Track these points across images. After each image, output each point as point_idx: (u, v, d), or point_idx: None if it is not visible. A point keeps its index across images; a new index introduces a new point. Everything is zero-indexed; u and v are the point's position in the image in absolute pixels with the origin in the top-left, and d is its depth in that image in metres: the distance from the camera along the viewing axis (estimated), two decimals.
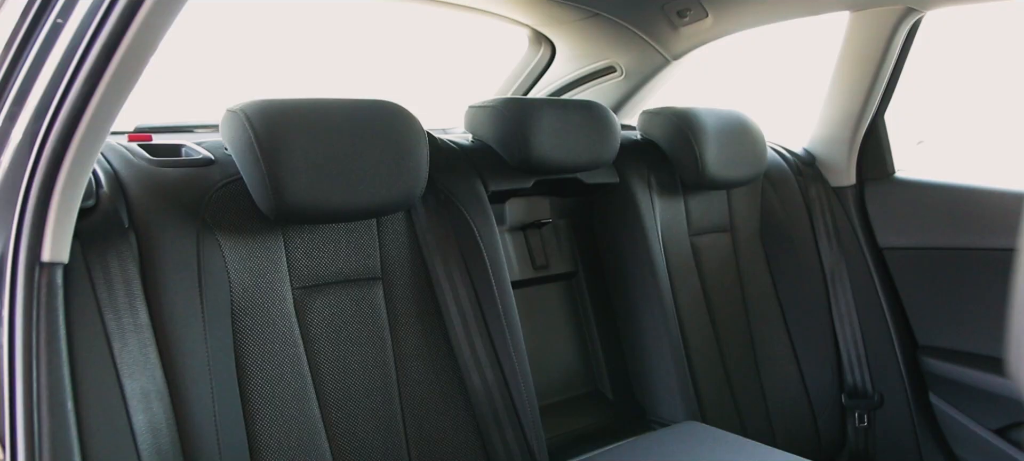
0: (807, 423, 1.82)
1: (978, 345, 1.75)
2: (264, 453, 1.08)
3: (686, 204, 1.73)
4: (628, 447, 1.37)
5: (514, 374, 1.30)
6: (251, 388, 1.09)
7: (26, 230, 0.89)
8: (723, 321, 1.74)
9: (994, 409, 1.70)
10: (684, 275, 1.68)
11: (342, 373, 1.18)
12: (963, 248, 1.76)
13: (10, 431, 0.88)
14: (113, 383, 0.96)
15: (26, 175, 0.89)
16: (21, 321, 0.89)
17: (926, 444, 1.82)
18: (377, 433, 1.19)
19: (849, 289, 1.88)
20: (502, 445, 1.27)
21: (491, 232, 1.36)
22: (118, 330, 0.98)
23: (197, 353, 1.04)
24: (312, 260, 1.19)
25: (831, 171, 1.98)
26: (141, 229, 1.05)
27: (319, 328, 1.18)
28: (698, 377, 1.64)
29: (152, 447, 0.97)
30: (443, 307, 1.28)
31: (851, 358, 1.86)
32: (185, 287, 1.05)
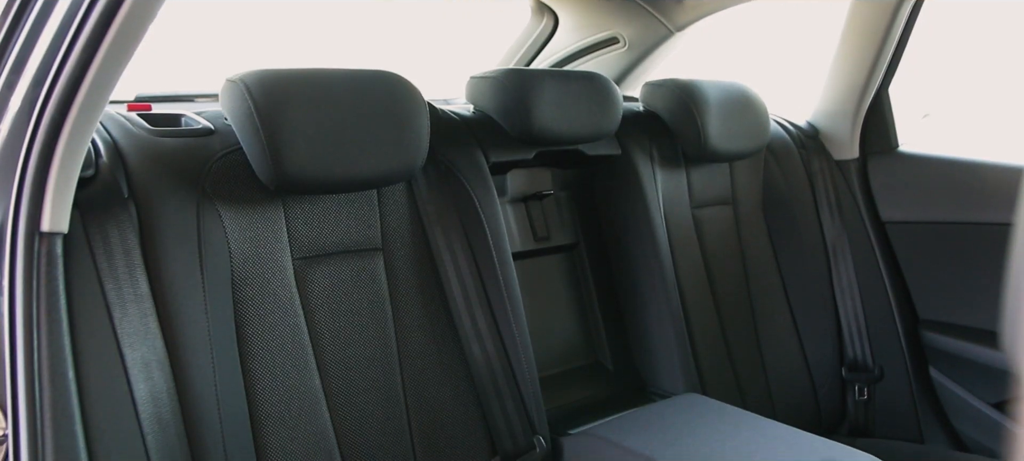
0: (807, 396, 1.83)
1: (979, 319, 1.75)
2: (265, 422, 1.09)
3: (688, 176, 1.73)
4: (628, 418, 1.38)
5: (514, 345, 1.31)
6: (251, 358, 1.09)
7: (25, 199, 0.89)
8: (724, 294, 1.74)
9: (994, 383, 1.71)
10: (685, 247, 1.68)
11: (342, 343, 1.18)
12: (966, 222, 1.76)
13: (11, 400, 0.88)
14: (114, 352, 0.96)
15: (25, 144, 0.89)
16: (21, 291, 0.89)
17: (926, 417, 1.83)
18: (377, 403, 1.20)
19: (851, 263, 1.88)
20: (502, 416, 1.28)
21: (492, 203, 1.36)
22: (118, 300, 0.98)
23: (197, 323, 1.04)
24: (312, 231, 1.19)
25: (834, 144, 1.97)
26: (141, 199, 1.05)
27: (319, 299, 1.18)
28: (699, 349, 1.64)
29: (153, 416, 0.97)
30: (444, 278, 1.28)
31: (852, 331, 1.87)
32: (185, 257, 1.05)
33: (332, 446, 1.14)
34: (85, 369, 0.93)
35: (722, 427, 1.29)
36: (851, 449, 1.20)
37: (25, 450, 0.87)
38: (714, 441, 1.24)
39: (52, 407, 0.89)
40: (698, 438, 1.25)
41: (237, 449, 1.05)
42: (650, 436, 1.27)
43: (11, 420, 0.88)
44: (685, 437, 1.26)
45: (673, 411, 1.39)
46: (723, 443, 1.23)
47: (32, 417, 0.88)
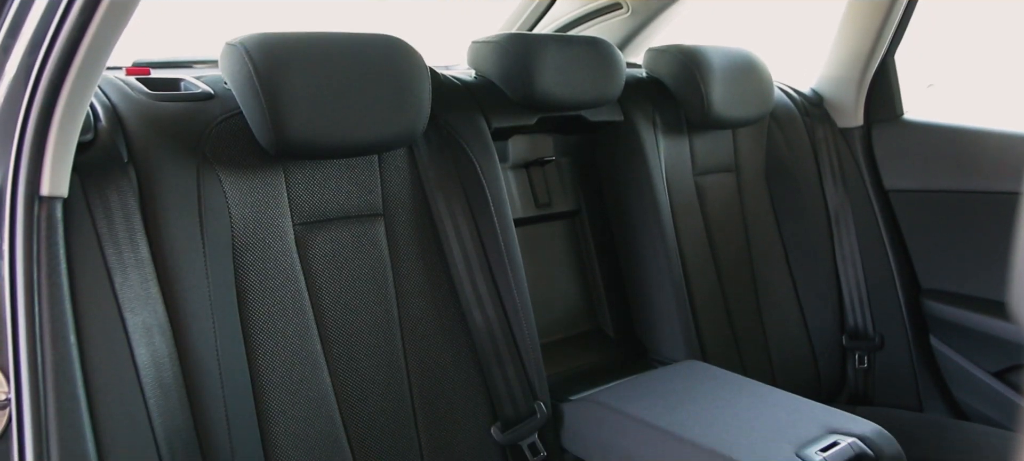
0: (807, 364, 1.83)
1: (980, 288, 1.75)
2: (266, 387, 1.09)
3: (691, 143, 1.72)
4: (628, 384, 1.38)
5: (515, 311, 1.31)
6: (252, 323, 1.10)
7: (24, 164, 0.88)
8: (726, 261, 1.74)
9: (994, 352, 1.71)
10: (687, 215, 1.67)
11: (343, 309, 1.18)
12: (969, 191, 1.75)
13: (14, 364, 0.88)
14: (115, 317, 0.96)
15: (23, 108, 0.88)
16: (22, 255, 0.89)
17: (925, 386, 1.84)
18: (379, 369, 1.20)
19: (853, 231, 1.87)
20: (503, 381, 1.28)
21: (494, 169, 1.35)
22: (119, 264, 0.98)
23: (198, 288, 1.04)
24: (313, 196, 1.18)
25: (838, 112, 1.96)
26: (140, 163, 1.04)
27: (320, 264, 1.18)
28: (700, 316, 1.64)
29: (155, 381, 0.98)
30: (445, 244, 1.28)
31: (853, 300, 1.87)
32: (186, 222, 1.05)
33: (333, 411, 1.15)
34: (86, 333, 0.94)
35: (722, 393, 1.30)
36: (851, 415, 1.20)
37: (28, 414, 0.87)
38: (714, 407, 1.24)
39: (54, 371, 0.89)
40: (698, 404, 1.26)
41: (239, 413, 1.05)
42: (650, 402, 1.27)
43: (13, 384, 0.89)
44: (685, 403, 1.26)
45: (673, 377, 1.40)
46: (723, 409, 1.23)
47: (34, 381, 0.88)
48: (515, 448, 1.29)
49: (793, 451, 1.10)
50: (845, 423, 1.18)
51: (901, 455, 1.15)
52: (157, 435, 0.97)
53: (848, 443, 1.12)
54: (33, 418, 0.87)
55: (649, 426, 1.20)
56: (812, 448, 1.10)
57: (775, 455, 1.08)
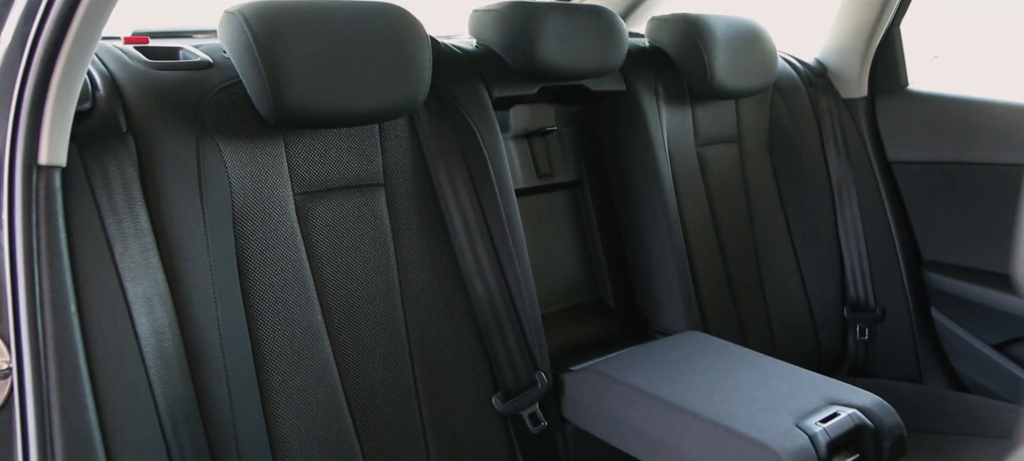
0: (808, 335, 1.84)
1: (982, 261, 1.75)
2: (267, 357, 1.09)
3: (693, 113, 1.71)
4: (629, 355, 1.39)
5: (516, 282, 1.31)
6: (253, 293, 1.09)
7: (22, 133, 0.88)
8: (728, 232, 1.74)
9: (995, 325, 1.71)
10: (690, 186, 1.67)
11: (344, 279, 1.18)
12: (973, 163, 1.74)
13: (15, 333, 0.88)
14: (115, 287, 0.96)
15: (19, 77, 0.87)
16: (21, 224, 0.89)
17: (925, 358, 1.84)
18: (379, 339, 1.20)
19: (856, 202, 1.87)
20: (504, 351, 1.28)
21: (495, 139, 1.34)
22: (119, 234, 0.97)
23: (199, 258, 1.04)
24: (313, 165, 1.18)
25: (843, 82, 1.95)
26: (139, 133, 1.03)
27: (321, 234, 1.17)
28: (701, 287, 1.64)
29: (156, 350, 0.98)
30: (446, 214, 1.28)
31: (855, 271, 1.87)
32: (185, 191, 1.04)
33: (334, 381, 1.15)
34: (87, 303, 0.93)
35: (723, 364, 1.30)
36: (851, 387, 1.20)
37: (29, 383, 0.88)
38: (715, 378, 1.24)
39: (55, 341, 0.89)
40: (699, 374, 1.26)
41: (240, 383, 1.06)
42: (651, 372, 1.28)
43: (15, 354, 0.89)
44: (686, 373, 1.26)
45: (674, 348, 1.40)
46: (724, 380, 1.23)
47: (35, 350, 0.88)
48: (516, 418, 1.30)
49: (793, 422, 1.10)
50: (845, 394, 1.18)
51: (901, 426, 1.15)
52: (158, 404, 0.97)
53: (848, 414, 1.12)
54: (35, 387, 0.88)
55: (649, 396, 1.20)
56: (812, 419, 1.10)
57: (775, 426, 1.08)
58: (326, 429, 1.13)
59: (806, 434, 1.07)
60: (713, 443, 1.10)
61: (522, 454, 1.31)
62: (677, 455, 1.15)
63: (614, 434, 1.26)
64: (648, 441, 1.20)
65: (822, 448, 1.06)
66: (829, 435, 1.08)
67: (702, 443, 1.11)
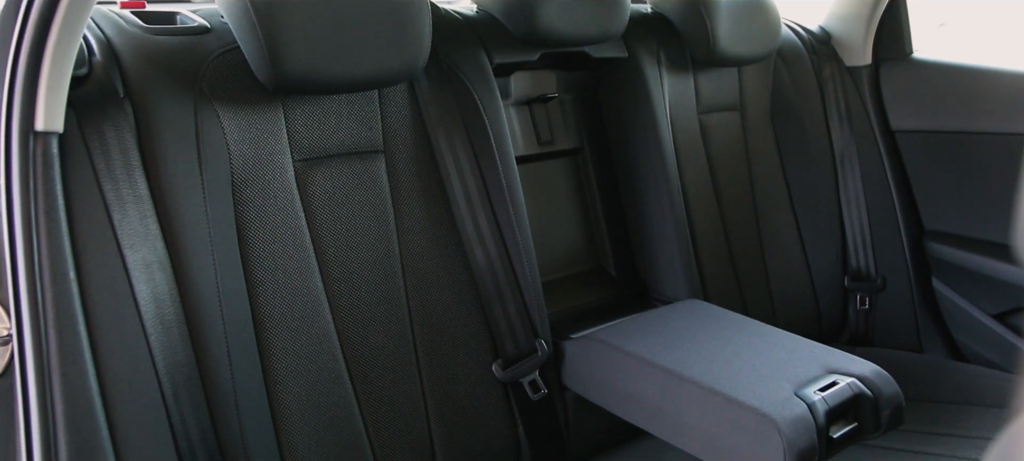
0: (809, 304, 1.84)
1: (984, 231, 1.74)
2: (267, 325, 1.09)
3: (696, 81, 1.70)
4: (630, 323, 1.39)
5: (517, 249, 1.30)
6: (253, 260, 1.09)
7: (18, 98, 0.87)
8: (729, 201, 1.73)
9: (995, 294, 1.71)
10: (691, 153, 1.66)
11: (344, 246, 1.18)
12: (977, 132, 1.73)
13: (14, 300, 0.89)
14: (114, 254, 0.96)
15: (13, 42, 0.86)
16: (19, 191, 0.88)
17: (925, 328, 1.84)
18: (380, 306, 1.20)
19: (858, 171, 1.86)
20: (504, 319, 1.28)
21: (495, 106, 1.33)
22: (117, 201, 0.97)
23: (198, 225, 1.04)
24: (312, 132, 1.17)
25: (846, 50, 1.93)
26: (137, 98, 1.03)
27: (321, 201, 1.17)
28: (702, 256, 1.64)
29: (156, 317, 0.98)
30: (446, 181, 1.27)
31: (856, 241, 1.86)
32: (184, 158, 1.04)
33: (335, 348, 1.15)
34: (86, 270, 0.93)
35: (723, 332, 1.30)
36: (850, 356, 1.20)
37: (30, 349, 0.88)
38: (714, 346, 1.25)
39: (54, 307, 0.89)
40: (699, 342, 1.26)
41: (240, 350, 1.06)
42: (651, 340, 1.28)
43: (14, 320, 0.89)
44: (686, 341, 1.27)
45: (675, 316, 1.40)
46: (724, 347, 1.24)
47: (35, 316, 0.88)
48: (516, 385, 1.30)
49: (792, 390, 1.10)
50: (844, 363, 1.18)
51: (899, 395, 1.15)
52: (159, 371, 0.97)
53: (847, 383, 1.13)
54: (35, 354, 0.88)
55: (649, 364, 1.20)
56: (811, 387, 1.11)
57: (774, 394, 1.09)
58: (326, 395, 1.13)
59: (805, 402, 1.07)
60: (712, 411, 1.10)
61: (522, 421, 1.31)
62: (676, 422, 1.16)
63: (614, 402, 1.27)
64: (648, 409, 1.20)
65: (820, 416, 1.07)
66: (828, 404, 1.08)
67: (701, 411, 1.12)
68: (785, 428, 1.02)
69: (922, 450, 1.38)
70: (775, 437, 1.02)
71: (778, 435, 1.02)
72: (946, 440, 1.40)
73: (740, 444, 1.07)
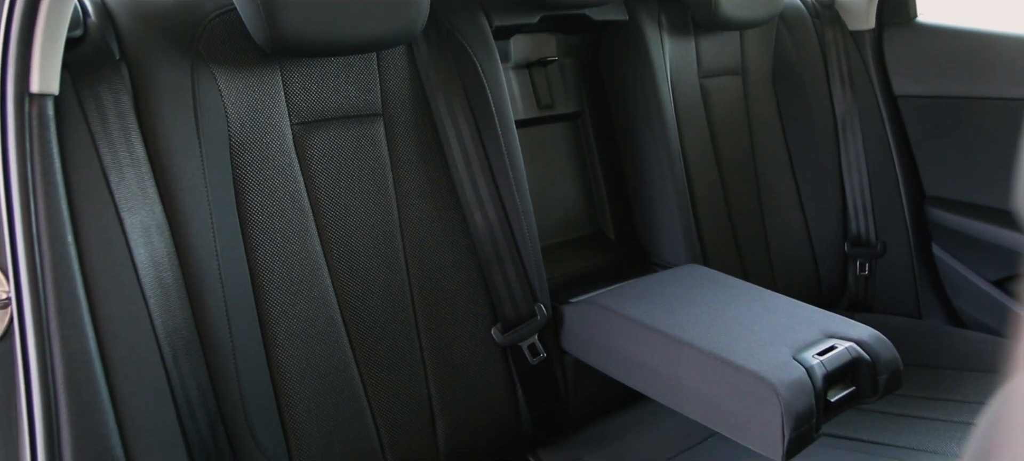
0: (808, 270, 1.84)
1: (985, 197, 1.74)
2: (266, 288, 1.10)
3: (697, 45, 1.68)
4: (629, 287, 1.39)
5: (516, 213, 1.30)
6: (251, 223, 1.09)
7: (12, 60, 0.86)
8: (729, 165, 1.73)
9: (995, 261, 1.71)
10: (692, 118, 1.65)
11: (343, 210, 1.18)
12: (981, 97, 1.72)
13: (12, 263, 0.88)
14: (112, 217, 0.95)
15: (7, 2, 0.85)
16: (15, 153, 0.88)
17: (925, 293, 1.84)
18: (379, 270, 1.20)
19: (859, 136, 1.85)
20: (503, 283, 1.28)
21: (495, 69, 1.32)
22: (114, 163, 0.97)
23: (196, 188, 1.03)
24: (310, 95, 1.16)
25: (850, 14, 1.91)
26: (133, 61, 1.02)
27: (319, 165, 1.16)
28: (702, 220, 1.64)
29: (154, 280, 0.98)
30: (445, 144, 1.26)
31: (857, 206, 1.86)
32: (181, 121, 1.03)
33: (334, 311, 1.15)
34: (84, 233, 0.93)
35: (722, 297, 1.30)
36: (849, 320, 1.21)
37: (29, 313, 0.88)
38: (714, 310, 1.25)
39: (53, 270, 0.89)
40: (698, 307, 1.26)
41: (239, 313, 1.06)
42: (650, 305, 1.28)
43: (13, 283, 0.89)
44: (685, 306, 1.27)
45: (674, 281, 1.40)
46: (723, 312, 1.24)
47: (34, 280, 0.88)
48: (515, 349, 1.31)
49: (790, 354, 1.10)
50: (843, 328, 1.18)
51: (897, 360, 1.15)
52: (158, 334, 0.97)
53: (845, 347, 1.13)
54: (34, 317, 0.88)
55: (648, 328, 1.21)
56: (809, 352, 1.11)
57: (772, 358, 1.09)
58: (326, 359, 1.14)
59: (803, 366, 1.08)
60: (711, 375, 1.11)
61: (521, 385, 1.32)
62: (675, 386, 1.16)
63: (613, 366, 1.27)
64: (646, 372, 1.20)
65: (819, 380, 1.07)
66: (826, 368, 1.09)
67: (700, 375, 1.12)
68: (783, 391, 1.02)
69: (919, 414, 1.38)
70: (773, 400, 1.02)
71: (776, 398, 1.02)
72: (944, 405, 1.41)
73: (738, 407, 1.07)
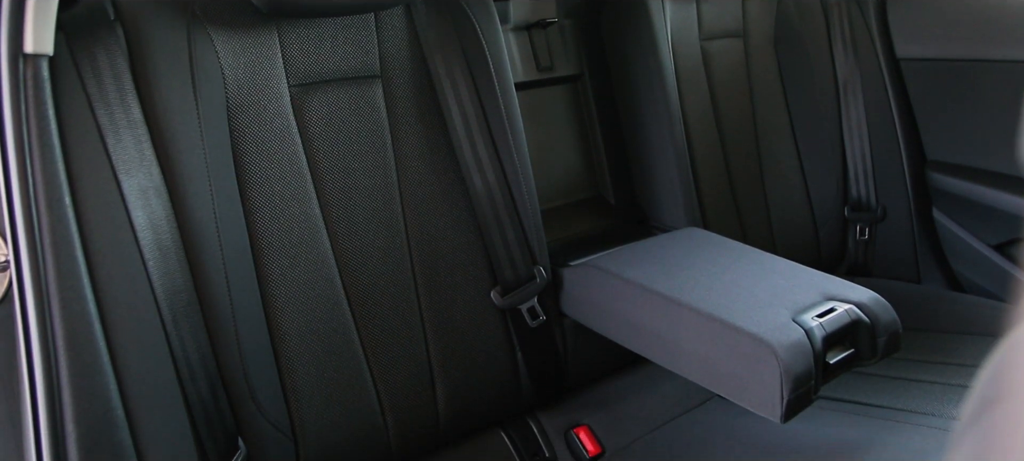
0: (808, 234, 1.84)
1: (987, 160, 1.73)
2: (265, 251, 1.09)
3: (698, 7, 1.67)
4: (628, 250, 1.39)
5: (515, 175, 1.30)
6: (250, 186, 1.09)
7: (4, 19, 0.85)
8: (730, 129, 1.72)
9: (995, 225, 1.71)
10: (692, 81, 1.64)
11: (342, 173, 1.17)
12: (985, 60, 1.70)
13: (10, 226, 0.88)
14: (110, 179, 0.95)
15: None
16: (10, 115, 0.87)
17: (924, 258, 1.84)
18: (378, 233, 1.20)
19: (861, 100, 1.84)
20: (503, 246, 1.28)
21: (494, 31, 1.31)
22: (111, 125, 0.96)
23: (194, 150, 1.03)
24: (308, 57, 1.15)
25: None
26: (128, 21, 1.01)
27: (317, 127, 1.16)
28: (701, 184, 1.64)
29: (153, 243, 0.97)
30: (444, 106, 1.26)
31: (857, 171, 1.85)
32: (178, 83, 1.02)
33: (333, 274, 1.15)
34: (81, 196, 0.92)
35: (721, 259, 1.30)
36: (848, 283, 1.20)
37: (28, 276, 0.87)
38: (713, 273, 1.25)
39: (51, 233, 0.89)
40: (697, 269, 1.26)
41: (238, 276, 1.06)
42: (649, 267, 1.28)
43: (11, 246, 0.88)
44: (684, 269, 1.27)
45: (673, 243, 1.40)
46: (722, 275, 1.24)
47: (32, 243, 0.87)
48: (514, 312, 1.31)
49: (790, 316, 1.10)
50: (843, 290, 1.18)
51: (896, 323, 1.16)
52: (158, 296, 0.97)
53: (845, 309, 1.13)
54: (33, 280, 0.87)
55: (647, 291, 1.21)
56: (809, 314, 1.11)
57: (772, 320, 1.09)
58: (325, 321, 1.14)
59: (802, 328, 1.08)
60: (710, 336, 1.11)
61: (520, 348, 1.32)
62: (674, 348, 1.16)
63: (612, 328, 1.27)
64: (645, 335, 1.21)
65: (818, 342, 1.07)
66: (825, 330, 1.09)
67: (699, 336, 1.12)
68: (782, 353, 1.03)
69: (918, 377, 1.39)
70: (772, 362, 1.03)
71: (775, 360, 1.02)
72: (942, 368, 1.41)
73: (737, 369, 1.07)
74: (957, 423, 0.34)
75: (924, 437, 1.17)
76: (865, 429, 1.22)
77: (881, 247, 1.89)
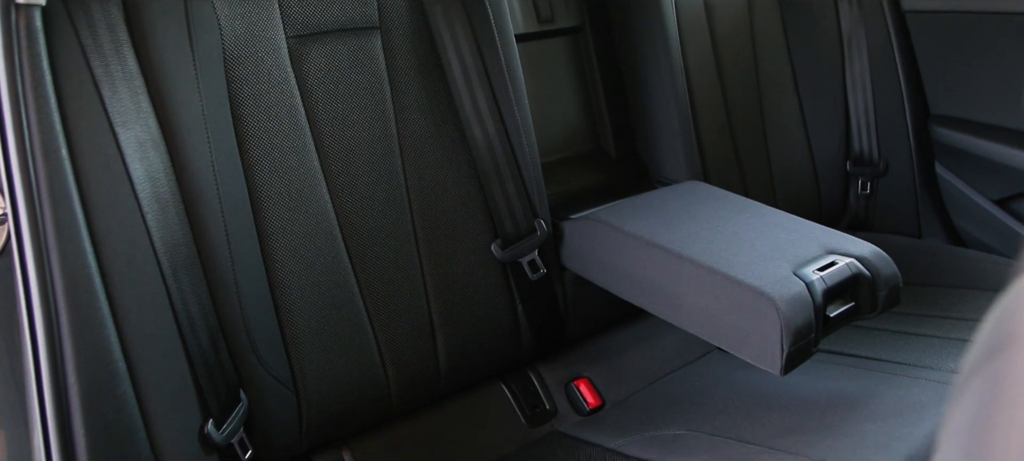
0: (810, 188, 1.83)
1: (990, 115, 1.71)
2: (264, 204, 1.09)
3: None
4: (629, 203, 1.38)
5: (516, 128, 1.29)
6: (248, 138, 1.08)
7: None
8: (732, 82, 1.70)
9: (997, 180, 1.70)
10: (695, 33, 1.62)
11: (341, 125, 1.16)
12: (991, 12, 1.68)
13: (7, 178, 0.87)
14: (107, 131, 0.94)
15: None
16: (3, 66, 0.86)
17: (926, 213, 1.84)
18: (378, 185, 1.19)
19: (865, 54, 1.82)
20: (503, 198, 1.28)
21: None
22: (107, 77, 0.95)
23: (191, 102, 1.02)
24: (306, 7, 1.13)
25: None
26: None
27: (316, 79, 1.14)
28: (703, 137, 1.62)
29: (151, 195, 0.97)
30: (443, 58, 1.24)
31: (860, 125, 1.84)
32: (174, 34, 1.01)
33: (333, 226, 1.15)
34: (78, 148, 0.92)
35: (722, 213, 1.30)
36: (850, 237, 1.20)
37: (26, 228, 0.87)
38: (714, 226, 1.24)
39: (48, 185, 0.88)
40: (699, 222, 1.26)
41: (238, 229, 1.05)
42: (650, 221, 1.28)
43: (9, 199, 0.88)
44: (686, 222, 1.26)
45: (674, 197, 1.39)
46: (723, 228, 1.23)
47: (29, 195, 0.87)
48: (515, 265, 1.31)
49: (790, 269, 1.10)
50: (844, 244, 1.18)
51: (897, 277, 1.16)
52: (157, 249, 0.97)
53: (845, 263, 1.13)
54: (32, 232, 0.87)
55: (648, 244, 1.20)
56: (809, 267, 1.11)
57: (772, 273, 1.09)
58: (325, 274, 1.14)
59: (803, 281, 1.08)
60: (710, 290, 1.11)
61: (521, 301, 1.32)
62: (674, 301, 1.16)
63: (612, 281, 1.27)
64: (646, 288, 1.21)
65: (818, 296, 1.07)
66: (826, 283, 1.09)
67: (699, 290, 1.12)
68: (783, 306, 1.03)
69: (918, 331, 1.39)
70: (772, 315, 1.03)
71: (775, 313, 1.03)
72: (941, 322, 1.42)
73: (738, 322, 1.08)
74: (958, 375, 0.34)
75: (922, 389, 1.17)
76: (864, 382, 1.22)
77: (883, 201, 1.88)
